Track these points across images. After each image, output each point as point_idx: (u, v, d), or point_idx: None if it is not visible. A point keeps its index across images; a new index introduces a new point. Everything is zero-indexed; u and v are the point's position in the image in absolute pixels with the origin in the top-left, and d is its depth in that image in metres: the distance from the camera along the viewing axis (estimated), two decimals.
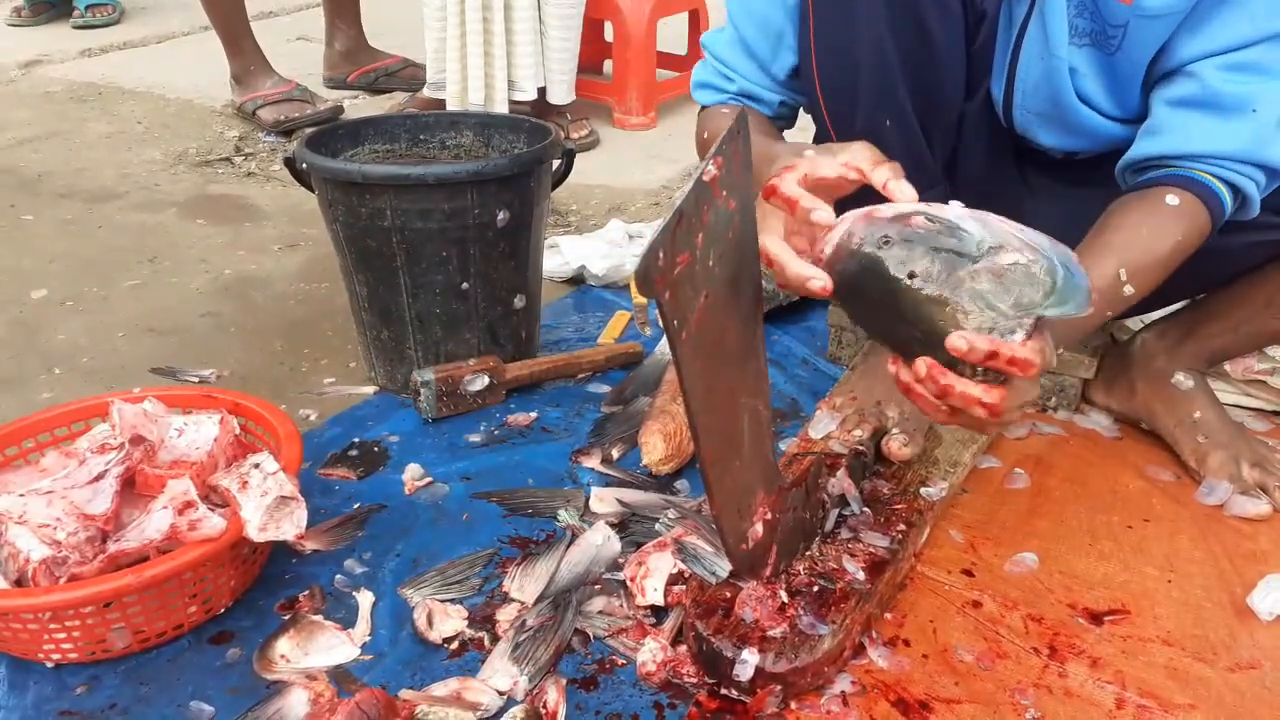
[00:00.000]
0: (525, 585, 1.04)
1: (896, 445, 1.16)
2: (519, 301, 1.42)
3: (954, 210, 0.83)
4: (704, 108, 1.27)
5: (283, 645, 0.96)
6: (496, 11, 2.33)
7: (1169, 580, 1.07)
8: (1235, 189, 1.01)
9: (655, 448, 1.20)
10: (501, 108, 2.39)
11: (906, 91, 1.09)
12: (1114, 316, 1.07)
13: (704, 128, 1.25)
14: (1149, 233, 1.01)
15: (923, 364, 0.82)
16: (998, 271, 0.80)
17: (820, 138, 1.20)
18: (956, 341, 0.79)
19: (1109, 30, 1.04)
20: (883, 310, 0.84)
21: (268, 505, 0.96)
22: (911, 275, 0.81)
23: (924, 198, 1.17)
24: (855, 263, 0.84)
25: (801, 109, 1.25)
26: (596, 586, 1.05)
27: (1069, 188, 1.24)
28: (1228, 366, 1.35)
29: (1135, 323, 1.39)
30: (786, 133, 1.28)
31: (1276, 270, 1.15)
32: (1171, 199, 1.01)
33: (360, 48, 2.92)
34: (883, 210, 0.85)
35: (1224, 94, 0.99)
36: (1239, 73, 0.98)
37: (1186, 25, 0.99)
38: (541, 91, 2.46)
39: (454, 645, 0.97)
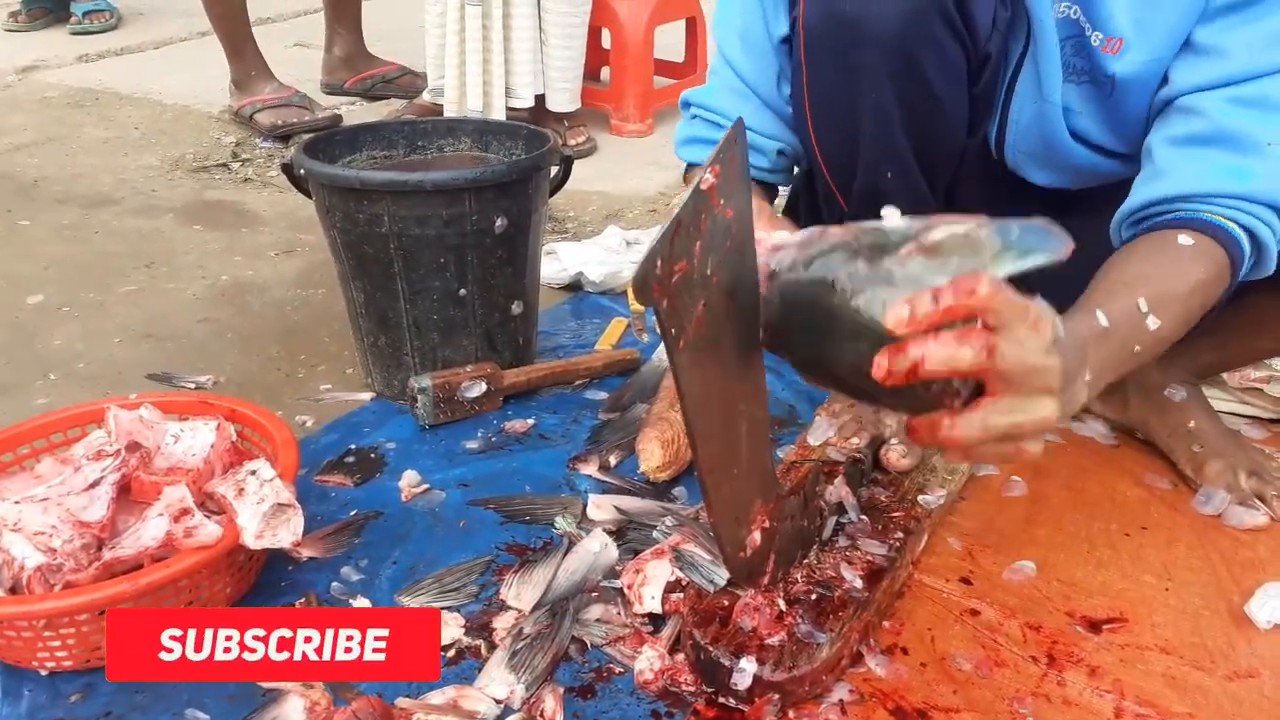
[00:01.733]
0: (522, 593, 1.03)
1: (895, 455, 1.16)
2: (516, 308, 1.42)
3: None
4: (690, 167, 1.22)
5: None
6: (495, 19, 2.33)
7: (1167, 588, 1.07)
8: (1251, 235, 0.93)
9: (653, 455, 1.20)
10: (499, 115, 2.39)
11: (909, 145, 1.07)
12: (1148, 356, 0.93)
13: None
14: (1163, 268, 0.91)
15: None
16: (928, 247, 0.69)
17: (812, 182, 1.20)
18: (890, 320, 0.68)
19: (1100, 77, 1.02)
20: (823, 345, 0.74)
21: (264, 512, 0.95)
22: (834, 284, 0.70)
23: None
24: (775, 296, 0.75)
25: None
26: (594, 594, 1.04)
27: (1066, 219, 1.24)
28: (1224, 375, 1.35)
29: None
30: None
31: (1263, 293, 1.13)
32: (1185, 239, 0.91)
33: (359, 54, 2.92)
34: (792, 235, 0.77)
35: (1234, 130, 0.92)
36: (1248, 108, 0.92)
37: (1185, 54, 0.95)
38: (540, 99, 2.46)
39: (450, 653, 0.97)
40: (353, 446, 1.31)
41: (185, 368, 1.51)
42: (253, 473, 0.99)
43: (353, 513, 1.18)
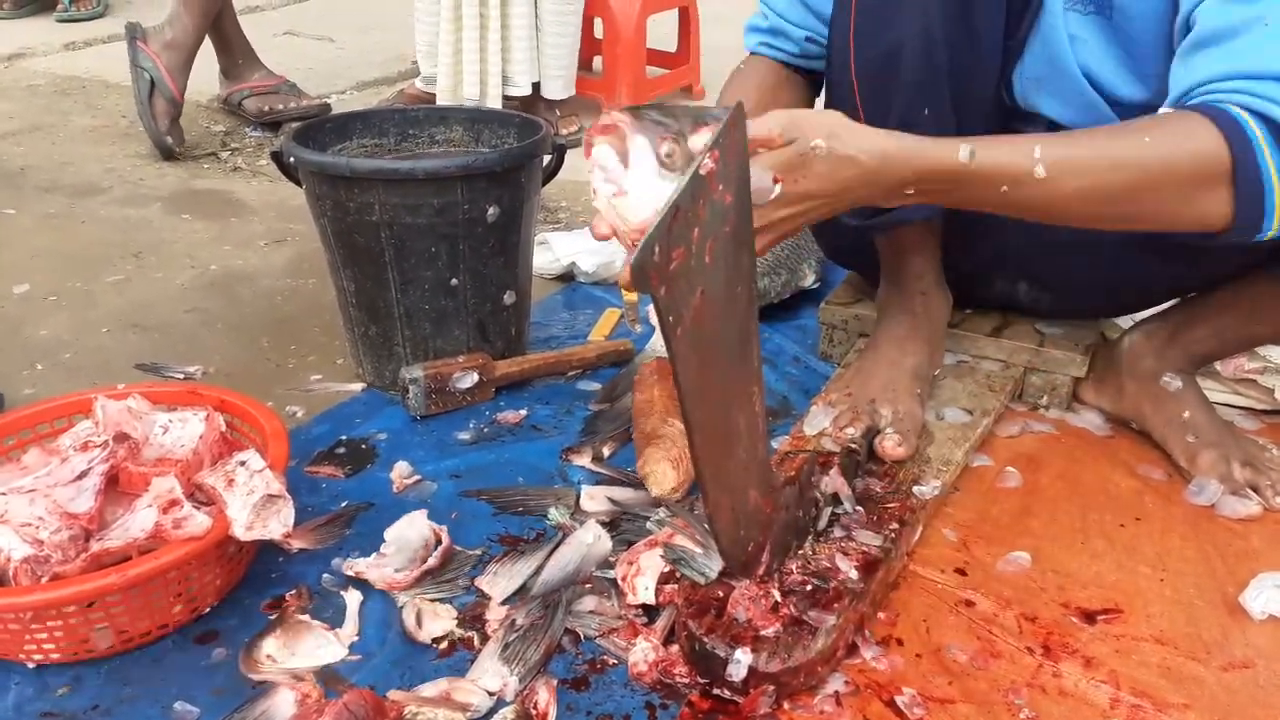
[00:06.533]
0: (496, 582, 1.03)
1: (890, 445, 1.16)
2: (509, 298, 1.41)
3: None
4: (750, 55, 1.29)
5: (269, 645, 0.95)
6: (492, 7, 2.32)
7: (1161, 579, 1.07)
8: (1262, 117, 0.86)
9: (665, 477, 1.14)
10: (495, 103, 2.38)
11: (947, 82, 1.07)
12: (1028, 206, 0.92)
13: (727, 86, 1.27)
14: (1114, 136, 0.91)
15: None
16: None
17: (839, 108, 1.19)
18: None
19: (1103, 2, 1.03)
20: None
21: (254, 503, 0.94)
22: None
23: None
24: None
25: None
26: (587, 585, 1.04)
27: None
28: (1218, 365, 1.34)
29: (1125, 321, 1.39)
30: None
31: (1259, 278, 1.13)
32: (1171, 115, 0.91)
33: (233, 65, 2.60)
34: None
35: (1226, 25, 0.90)
36: (1238, 3, 0.90)
37: None
38: (535, 87, 2.45)
39: (443, 645, 0.96)
40: (344, 437, 1.30)
41: (174, 358, 1.49)
42: (242, 463, 0.98)
43: (344, 504, 1.17)
